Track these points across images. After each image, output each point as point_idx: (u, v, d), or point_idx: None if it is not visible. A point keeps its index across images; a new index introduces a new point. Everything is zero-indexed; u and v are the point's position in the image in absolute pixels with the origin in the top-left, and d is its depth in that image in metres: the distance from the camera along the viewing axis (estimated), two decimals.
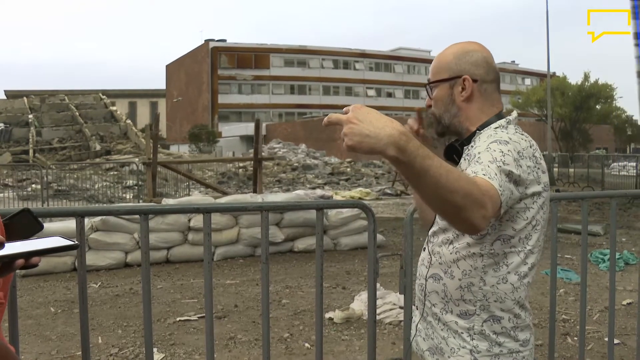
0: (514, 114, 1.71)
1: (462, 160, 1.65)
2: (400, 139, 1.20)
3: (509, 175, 1.45)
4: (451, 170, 1.26)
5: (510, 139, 1.53)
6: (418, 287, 1.78)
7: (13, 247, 1.08)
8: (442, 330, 1.68)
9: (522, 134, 1.61)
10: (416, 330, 1.82)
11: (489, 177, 1.39)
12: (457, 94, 1.66)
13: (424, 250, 1.78)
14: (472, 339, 1.62)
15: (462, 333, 1.63)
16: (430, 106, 1.74)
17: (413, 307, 1.88)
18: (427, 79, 1.74)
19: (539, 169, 1.56)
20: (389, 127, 1.22)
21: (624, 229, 11.15)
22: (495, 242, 1.57)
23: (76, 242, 1.14)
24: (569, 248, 9.08)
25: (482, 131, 1.64)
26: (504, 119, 1.65)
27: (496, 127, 1.63)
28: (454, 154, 1.70)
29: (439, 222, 1.70)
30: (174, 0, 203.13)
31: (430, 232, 1.76)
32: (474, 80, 1.65)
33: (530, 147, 1.57)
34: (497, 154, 1.47)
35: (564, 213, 13.59)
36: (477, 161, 1.48)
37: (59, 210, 2.82)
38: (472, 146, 1.61)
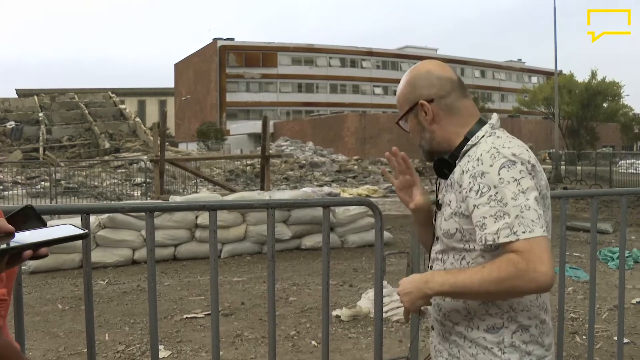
0: (495, 116, 1.69)
1: (457, 174, 1.60)
2: (423, 289, 1.58)
3: (537, 198, 1.47)
4: (481, 273, 1.47)
5: (514, 154, 1.51)
6: (434, 307, 1.74)
7: (22, 238, 1.07)
8: (470, 347, 1.64)
9: (514, 139, 1.59)
10: (435, 352, 1.77)
11: (529, 232, 1.42)
12: (423, 119, 1.67)
13: (431, 269, 1.75)
14: (504, 353, 1.59)
15: (492, 348, 1.60)
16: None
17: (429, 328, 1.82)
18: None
19: (541, 171, 1.57)
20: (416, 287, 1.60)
21: (634, 227, 11.08)
22: None
23: (86, 230, 1.13)
24: (577, 246, 9.03)
25: (474, 143, 1.61)
26: (487, 125, 1.64)
27: (483, 136, 1.61)
28: (444, 168, 1.67)
29: (444, 240, 1.66)
30: None
31: (435, 250, 1.73)
32: (430, 101, 1.65)
33: (527, 150, 1.56)
34: (513, 187, 1.46)
35: (573, 211, 13.52)
36: (498, 200, 1.45)
37: (64, 207, 2.81)
38: (475, 165, 1.55)
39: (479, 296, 1.55)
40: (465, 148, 1.62)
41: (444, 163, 1.67)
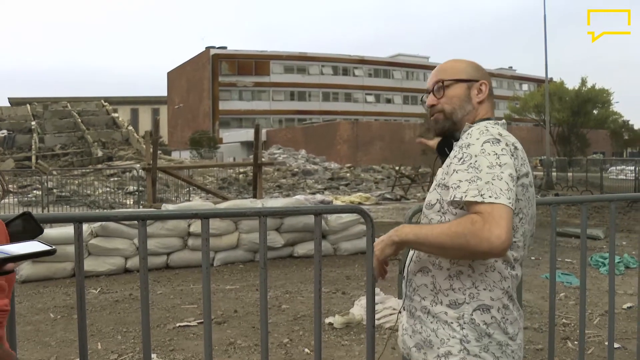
0: (502, 120, 1.81)
1: (452, 152, 1.71)
2: (392, 236, 1.73)
3: (511, 175, 1.56)
4: (442, 226, 1.60)
5: (501, 134, 1.64)
6: (405, 283, 1.83)
7: None
8: (432, 322, 1.70)
9: (507, 132, 1.71)
10: (403, 330, 1.84)
11: (495, 197, 1.50)
12: (473, 95, 1.79)
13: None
14: (462, 329, 1.64)
15: (451, 323, 1.65)
16: (432, 105, 1.84)
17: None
18: (438, 79, 1.82)
19: (526, 163, 1.67)
20: (387, 236, 1.75)
21: (624, 233, 11.13)
22: None
23: (53, 247, 1.12)
24: (569, 252, 9.07)
25: (472, 125, 1.73)
26: (492, 121, 1.77)
27: (486, 124, 1.73)
28: (445, 147, 1.82)
29: (425, 212, 1.76)
30: (176, 8, 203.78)
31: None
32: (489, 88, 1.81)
33: (517, 142, 1.68)
34: (492, 158, 1.56)
35: (564, 217, 13.59)
36: (475, 167, 1.56)
37: (56, 216, 2.81)
38: (464, 138, 1.68)
39: (435, 248, 1.62)
40: (464, 128, 1.75)
41: (447, 143, 1.81)
